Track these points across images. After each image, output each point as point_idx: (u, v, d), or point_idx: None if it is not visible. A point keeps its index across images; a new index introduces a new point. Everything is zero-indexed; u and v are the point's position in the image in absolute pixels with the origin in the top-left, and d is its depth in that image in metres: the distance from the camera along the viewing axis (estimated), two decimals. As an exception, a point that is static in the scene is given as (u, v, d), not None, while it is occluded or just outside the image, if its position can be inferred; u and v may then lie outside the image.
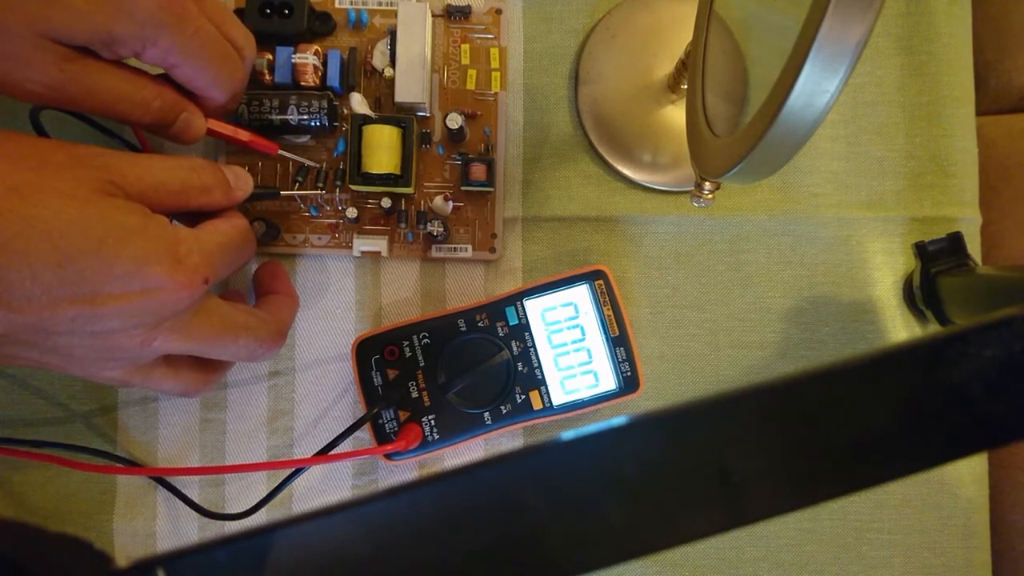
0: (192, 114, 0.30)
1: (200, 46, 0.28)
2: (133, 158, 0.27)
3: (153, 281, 0.25)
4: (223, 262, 0.29)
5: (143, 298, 0.25)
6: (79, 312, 0.25)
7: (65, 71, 0.26)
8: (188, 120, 0.30)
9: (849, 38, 0.17)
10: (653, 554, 0.15)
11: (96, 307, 0.25)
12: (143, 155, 0.28)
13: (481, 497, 0.15)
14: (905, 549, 0.37)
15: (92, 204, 0.25)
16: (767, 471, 0.15)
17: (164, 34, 0.27)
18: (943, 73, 0.38)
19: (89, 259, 0.24)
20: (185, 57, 0.28)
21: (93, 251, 0.24)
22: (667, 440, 0.15)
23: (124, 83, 0.28)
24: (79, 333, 0.25)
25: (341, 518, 0.15)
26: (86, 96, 0.27)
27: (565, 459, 0.15)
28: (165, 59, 0.28)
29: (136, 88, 0.28)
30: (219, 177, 0.30)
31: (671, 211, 0.38)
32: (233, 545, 0.15)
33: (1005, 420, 0.15)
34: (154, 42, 0.27)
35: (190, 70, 0.29)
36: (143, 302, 0.25)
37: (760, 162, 0.21)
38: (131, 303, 0.25)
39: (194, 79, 0.29)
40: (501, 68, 0.38)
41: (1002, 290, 0.31)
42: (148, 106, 0.29)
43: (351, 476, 0.37)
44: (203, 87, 0.30)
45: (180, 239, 0.27)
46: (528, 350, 0.35)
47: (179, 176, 0.28)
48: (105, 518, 0.37)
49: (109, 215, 0.25)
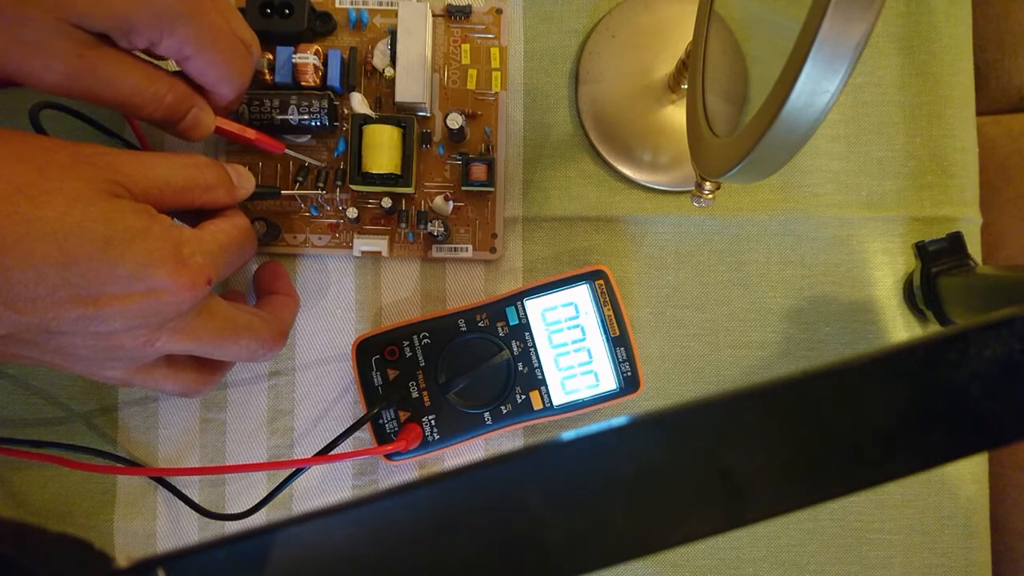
0: (202, 109, 0.30)
1: (214, 39, 0.29)
2: (138, 156, 0.27)
3: (157, 282, 0.26)
4: (226, 262, 0.29)
5: (147, 299, 0.25)
6: (83, 313, 0.25)
7: (85, 57, 0.26)
8: (198, 116, 0.30)
9: (849, 38, 0.17)
10: (653, 554, 0.15)
11: (100, 308, 0.25)
12: (147, 153, 0.28)
13: (481, 497, 0.15)
14: (905, 549, 0.37)
15: (97, 205, 0.25)
16: (767, 471, 0.15)
17: (180, 24, 0.27)
18: (943, 73, 0.38)
19: (94, 261, 0.24)
20: (200, 49, 0.28)
21: (98, 253, 0.24)
22: (667, 440, 0.15)
23: (139, 75, 0.28)
24: (82, 333, 0.25)
25: (341, 518, 0.15)
26: (102, 86, 0.27)
27: (565, 459, 0.15)
28: (180, 50, 0.28)
29: (150, 81, 0.28)
30: (222, 175, 0.30)
31: (671, 211, 0.38)
32: (233, 545, 0.15)
33: (1005, 420, 0.15)
34: (171, 31, 0.27)
35: (203, 63, 0.29)
36: (147, 303, 0.26)
37: (760, 162, 0.21)
38: (135, 304, 0.25)
39: (206, 72, 0.29)
40: (501, 68, 0.38)
41: (1002, 290, 0.31)
42: (161, 100, 0.29)
43: (351, 476, 0.37)
44: (214, 81, 0.30)
45: (184, 240, 0.27)
46: (528, 350, 0.35)
47: (183, 174, 0.28)
48: (105, 518, 0.37)
49: (114, 216, 0.25)
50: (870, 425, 0.15)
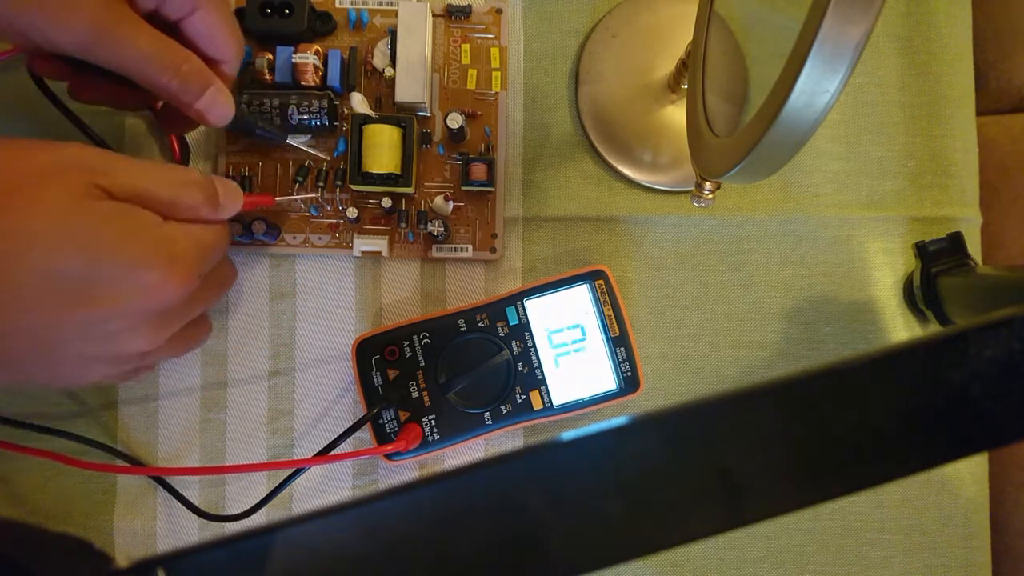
0: (219, 90, 0.30)
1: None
2: (126, 163, 0.27)
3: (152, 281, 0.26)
4: (210, 259, 0.30)
5: (143, 297, 0.26)
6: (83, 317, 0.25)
7: (111, 11, 0.26)
8: (215, 95, 0.30)
9: (849, 38, 0.17)
10: (653, 554, 0.15)
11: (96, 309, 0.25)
12: (136, 161, 0.28)
13: (481, 497, 0.15)
14: (905, 549, 0.37)
15: (81, 215, 0.25)
16: (767, 471, 0.15)
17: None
18: (943, 73, 0.38)
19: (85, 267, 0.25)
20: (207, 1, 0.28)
21: (87, 261, 0.25)
22: (667, 440, 0.15)
23: (156, 41, 0.28)
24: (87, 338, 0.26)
25: (341, 518, 0.15)
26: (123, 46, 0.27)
27: (565, 459, 0.15)
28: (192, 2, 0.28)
29: (166, 48, 0.28)
30: (210, 194, 0.30)
31: (671, 211, 0.38)
32: (233, 545, 0.15)
33: (1005, 420, 0.15)
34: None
35: (211, 17, 0.29)
36: (143, 301, 0.26)
37: (760, 162, 0.21)
38: (131, 303, 0.26)
39: (213, 29, 0.29)
40: (501, 68, 0.38)
41: (1002, 290, 0.31)
42: (178, 68, 0.28)
43: (351, 476, 0.37)
44: (222, 40, 0.30)
45: (174, 238, 0.27)
46: (528, 350, 0.35)
47: (169, 192, 0.28)
48: (105, 518, 0.37)
49: (99, 224, 0.25)
50: (870, 425, 0.15)
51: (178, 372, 0.37)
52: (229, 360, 0.38)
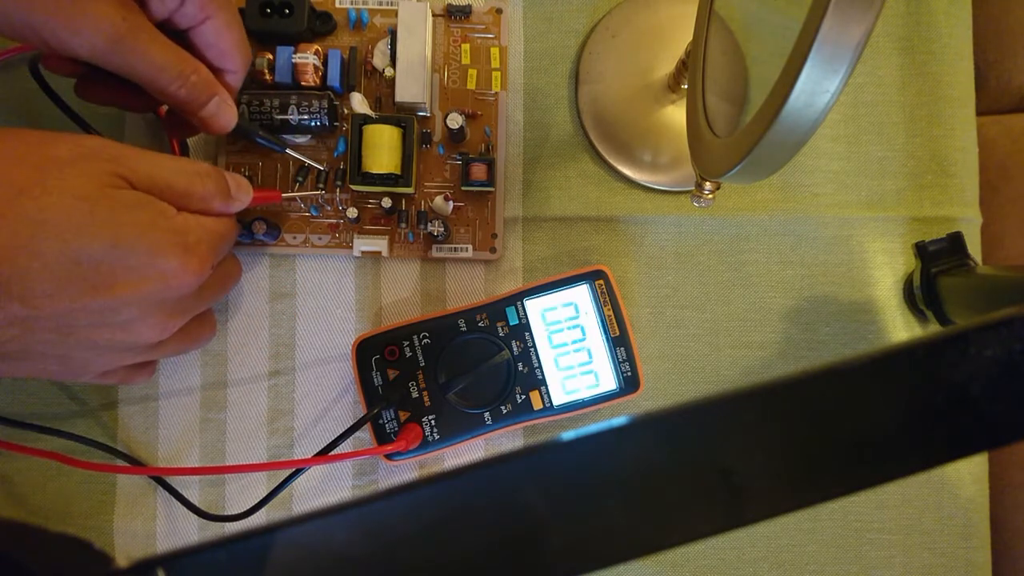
0: (224, 100, 0.31)
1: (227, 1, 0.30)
2: (143, 154, 0.28)
3: (168, 269, 0.27)
4: (221, 250, 0.30)
5: (159, 284, 0.27)
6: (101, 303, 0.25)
7: (127, 20, 0.26)
8: (220, 104, 0.31)
9: (849, 38, 0.17)
10: (653, 554, 0.15)
11: (115, 295, 0.26)
12: (153, 152, 0.28)
13: (481, 497, 0.15)
14: (905, 549, 0.37)
15: (101, 203, 0.25)
16: (767, 471, 0.15)
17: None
18: (943, 73, 0.38)
19: (104, 255, 0.25)
20: (218, 8, 0.29)
21: (108, 247, 0.25)
22: (667, 440, 0.15)
23: (169, 51, 0.28)
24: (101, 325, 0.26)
25: (341, 518, 0.15)
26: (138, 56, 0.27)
27: (565, 459, 0.15)
28: (204, 8, 0.28)
29: (178, 58, 0.29)
30: (221, 186, 0.30)
31: (671, 211, 0.38)
32: (233, 545, 0.15)
33: (1005, 420, 0.15)
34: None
35: (222, 23, 0.29)
36: (159, 288, 0.27)
37: (760, 162, 0.21)
38: (147, 289, 0.26)
39: (222, 40, 0.30)
40: (501, 68, 0.38)
41: (1002, 290, 0.31)
42: (187, 78, 0.29)
43: (351, 476, 0.37)
44: (228, 53, 0.30)
45: (189, 228, 0.28)
46: (528, 350, 0.35)
47: (184, 180, 0.29)
48: (105, 518, 0.37)
49: (119, 212, 0.25)
50: (870, 425, 0.15)
51: (178, 372, 0.37)
52: (229, 360, 0.38)
